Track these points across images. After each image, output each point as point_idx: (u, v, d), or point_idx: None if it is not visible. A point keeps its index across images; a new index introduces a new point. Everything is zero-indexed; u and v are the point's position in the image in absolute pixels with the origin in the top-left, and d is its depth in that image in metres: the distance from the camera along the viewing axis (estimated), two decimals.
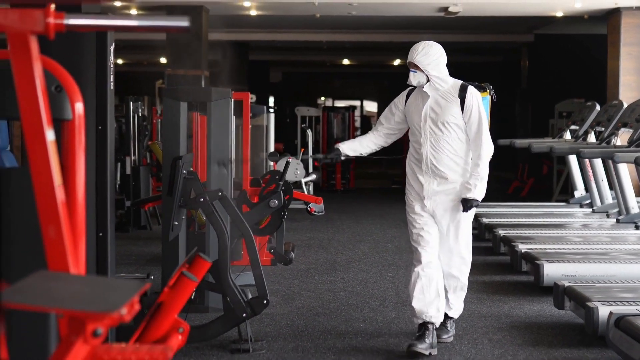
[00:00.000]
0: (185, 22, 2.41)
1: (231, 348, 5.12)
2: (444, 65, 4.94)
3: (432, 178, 5.02)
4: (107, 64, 4.33)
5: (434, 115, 4.97)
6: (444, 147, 4.97)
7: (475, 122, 4.95)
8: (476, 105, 4.93)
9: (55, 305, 1.89)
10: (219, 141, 6.02)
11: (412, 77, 4.94)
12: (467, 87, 4.95)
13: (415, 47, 4.93)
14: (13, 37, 2.05)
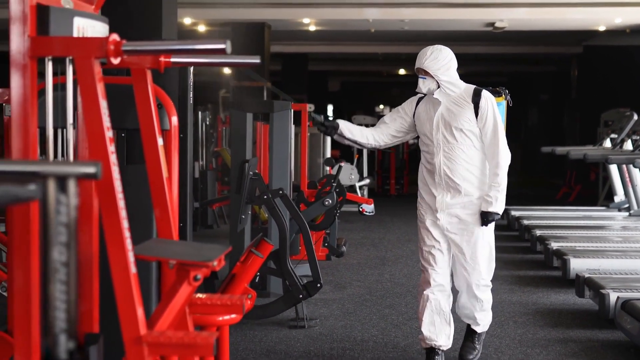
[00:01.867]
0: (257, 60, 3.30)
1: (289, 325, 5.97)
2: (454, 70, 4.68)
3: (445, 190, 4.72)
4: (187, 83, 5.25)
5: (446, 122, 4.70)
6: (458, 156, 4.69)
7: (491, 128, 4.66)
8: (491, 110, 4.65)
9: (169, 257, 2.77)
10: (280, 147, 6.91)
11: (422, 84, 4.69)
12: (480, 91, 4.69)
13: (423, 52, 4.67)
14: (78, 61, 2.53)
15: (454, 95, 4.68)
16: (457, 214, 4.72)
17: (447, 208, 4.72)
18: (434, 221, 4.78)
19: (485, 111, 4.65)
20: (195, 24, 13.31)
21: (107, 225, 2.60)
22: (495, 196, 4.61)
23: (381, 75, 26.47)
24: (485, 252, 4.77)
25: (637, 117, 10.97)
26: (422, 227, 4.86)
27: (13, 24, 2.53)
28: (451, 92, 4.67)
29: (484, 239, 4.75)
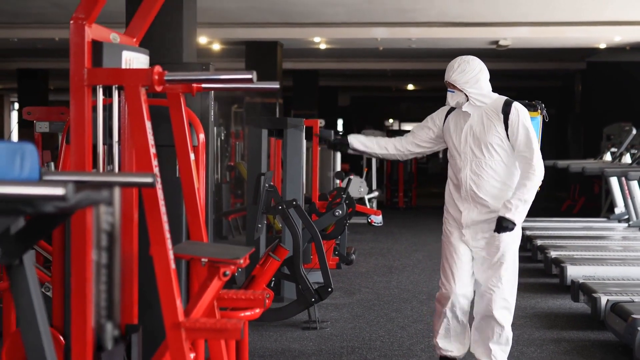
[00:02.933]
0: (277, 85, 3.77)
1: (302, 326, 6.42)
2: (484, 81, 4.50)
3: (471, 205, 4.54)
4: (209, 102, 5.72)
5: (475, 136, 4.52)
6: (485, 172, 4.50)
7: (524, 138, 4.42)
8: (522, 120, 4.43)
9: (202, 255, 3.24)
10: (293, 161, 7.38)
11: (450, 98, 4.56)
12: (511, 102, 4.48)
13: (451, 64, 4.56)
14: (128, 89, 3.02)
15: (484, 107, 4.49)
16: (483, 231, 4.54)
17: (474, 224, 4.55)
18: (459, 237, 4.61)
19: (515, 122, 4.43)
20: (211, 42, 13.83)
21: (152, 227, 3.07)
22: (516, 204, 4.36)
23: (390, 90, 26.96)
24: (510, 268, 4.55)
25: (636, 131, 11.42)
26: (446, 242, 4.68)
27: (73, 57, 3.02)
28: (481, 104, 4.49)
29: (510, 258, 4.55)
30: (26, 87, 19.26)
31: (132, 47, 3.29)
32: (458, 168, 4.59)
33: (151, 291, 3.86)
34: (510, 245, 4.53)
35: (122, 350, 3.35)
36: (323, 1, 10.33)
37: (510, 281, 4.56)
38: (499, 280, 4.52)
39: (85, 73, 2.99)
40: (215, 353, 3.49)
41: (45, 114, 7.60)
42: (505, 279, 4.53)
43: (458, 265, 4.61)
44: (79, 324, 3.05)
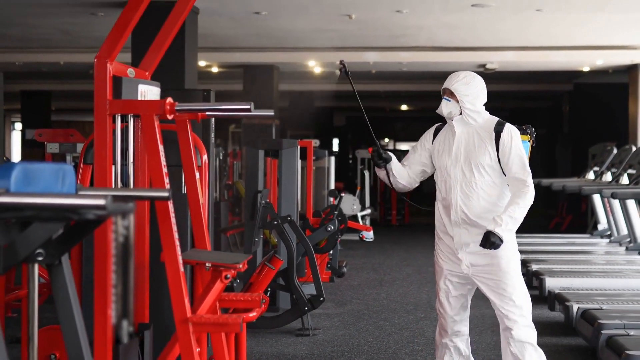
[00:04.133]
0: (271, 112, 4.28)
1: (296, 333, 6.89)
2: (482, 101, 4.41)
3: (462, 229, 4.38)
4: (210, 126, 6.24)
5: (466, 156, 4.39)
6: (476, 193, 4.36)
7: (516, 158, 4.33)
8: (515, 142, 4.33)
9: (207, 260, 3.74)
10: (288, 180, 7.89)
11: (444, 106, 4.40)
12: (504, 123, 4.39)
13: (456, 74, 4.45)
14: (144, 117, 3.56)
15: (475, 125, 4.40)
16: (478, 251, 4.35)
17: (467, 246, 4.38)
18: (454, 263, 4.45)
19: (508, 142, 4.33)
20: (210, 65, 14.38)
21: (164, 236, 3.58)
22: (506, 221, 4.20)
23: (384, 110, 27.51)
24: (517, 285, 4.39)
25: (617, 151, 11.94)
26: (438, 271, 4.53)
27: (97, 90, 3.53)
28: (473, 122, 4.39)
29: (514, 275, 4.40)
30: (29, 108, 19.82)
31: (146, 80, 3.81)
32: (448, 188, 4.42)
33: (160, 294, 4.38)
34: (511, 263, 4.38)
35: (136, 345, 3.86)
36: (317, 27, 10.86)
37: (522, 297, 4.39)
38: (512, 301, 4.35)
39: (108, 104, 3.50)
40: (217, 348, 3.98)
41: (56, 136, 8.14)
42: (517, 297, 4.36)
43: (452, 294, 4.48)
44: (101, 321, 3.54)
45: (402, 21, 10.06)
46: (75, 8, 9.27)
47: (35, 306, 2.83)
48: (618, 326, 5.91)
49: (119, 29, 3.55)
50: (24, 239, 2.47)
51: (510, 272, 4.37)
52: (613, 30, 11.03)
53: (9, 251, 2.48)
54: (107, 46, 3.53)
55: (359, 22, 10.13)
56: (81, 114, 28.93)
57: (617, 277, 8.33)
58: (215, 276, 3.78)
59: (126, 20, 3.59)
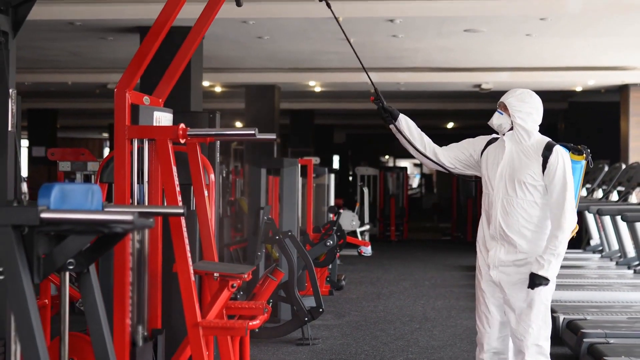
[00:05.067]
0: (274, 136, 4.67)
1: (296, 342, 7.26)
2: (535, 121, 4.37)
3: (499, 244, 4.37)
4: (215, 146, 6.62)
5: (510, 172, 4.37)
6: (516, 211, 4.32)
7: (559, 185, 4.23)
8: (562, 166, 4.25)
9: (215, 271, 4.12)
10: (288, 197, 8.28)
11: (495, 118, 4.41)
12: (553, 145, 4.32)
13: (514, 90, 4.47)
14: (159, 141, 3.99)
15: (524, 144, 4.35)
16: (511, 273, 4.33)
17: (501, 265, 4.35)
18: (488, 277, 4.42)
19: (554, 167, 4.26)
20: (213, 85, 14.80)
21: (177, 248, 3.96)
22: (548, 260, 4.19)
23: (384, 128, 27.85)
24: (540, 313, 4.34)
25: (608, 168, 12.33)
26: (477, 285, 4.49)
27: (117, 117, 3.92)
28: (522, 140, 4.35)
29: (540, 302, 4.34)
30: (36, 125, 20.26)
31: (160, 108, 4.21)
32: (490, 203, 4.43)
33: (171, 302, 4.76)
34: (541, 290, 4.30)
35: (151, 348, 4.23)
36: (317, 49, 11.27)
37: (542, 327, 4.35)
38: (529, 325, 4.31)
39: (126, 129, 3.89)
40: (224, 352, 4.35)
41: (68, 155, 8.53)
42: (536, 324, 4.32)
43: (490, 309, 4.42)
44: (120, 326, 3.92)
45: (398, 44, 10.48)
46: (86, 33, 9.69)
47: (67, 310, 3.20)
48: (600, 335, 6.28)
49: (137, 61, 3.95)
50: (60, 249, 2.85)
51: (536, 299, 4.30)
52: (603, 52, 11.43)
53: (47, 260, 2.86)
54: (126, 77, 3.93)
55: (356, 44, 10.43)
56: (85, 130, 29.42)
57: (604, 290, 8.69)
58: (223, 285, 4.16)
59: (144, 53, 3.99)
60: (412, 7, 8.07)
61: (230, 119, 22.45)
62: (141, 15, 8.35)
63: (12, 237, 2.69)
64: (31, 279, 2.77)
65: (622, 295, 8.53)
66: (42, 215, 2.68)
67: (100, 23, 9.02)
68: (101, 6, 8.28)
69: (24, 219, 2.68)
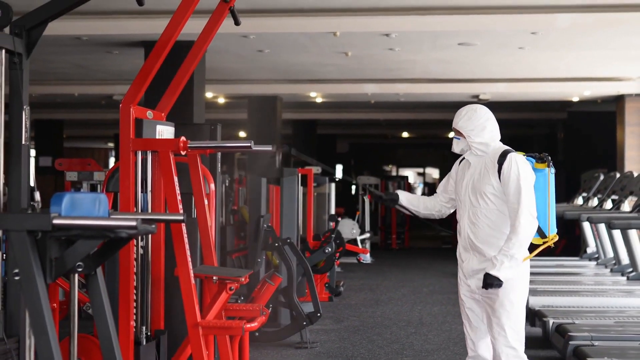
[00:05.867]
0: (270, 147, 4.94)
1: (295, 346, 7.52)
2: (490, 131, 4.49)
3: (471, 254, 4.50)
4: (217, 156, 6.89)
5: (472, 185, 4.49)
6: (482, 221, 4.43)
7: (513, 190, 4.32)
8: (515, 171, 4.33)
9: (214, 274, 4.39)
10: (288, 205, 8.55)
11: (455, 145, 4.57)
12: (508, 153, 4.41)
13: (459, 112, 4.56)
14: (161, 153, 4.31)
15: (485, 157, 4.48)
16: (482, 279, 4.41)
17: (475, 274, 4.47)
18: (467, 286, 4.54)
19: (507, 173, 4.35)
20: (216, 97, 15.10)
21: (178, 254, 4.23)
22: (501, 260, 4.26)
23: (386, 137, 28.20)
24: (512, 315, 4.40)
25: (603, 177, 12.58)
26: (460, 299, 4.64)
27: (122, 131, 4.20)
28: (482, 153, 4.48)
29: (510, 305, 4.39)
30: (42, 135, 20.58)
31: (162, 121, 4.48)
32: (460, 216, 4.58)
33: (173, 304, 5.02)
34: (509, 293, 4.36)
35: (154, 348, 4.50)
36: (318, 61, 11.55)
37: (514, 327, 4.40)
38: (502, 328, 4.39)
39: (131, 142, 4.17)
40: (223, 351, 4.62)
41: (75, 165, 8.82)
42: (509, 326, 4.38)
43: (469, 316, 4.56)
44: (124, 326, 4.19)
45: (396, 57, 10.75)
46: (92, 47, 9.98)
47: (76, 309, 3.47)
48: (585, 338, 6.53)
49: (142, 78, 4.23)
50: (70, 253, 3.12)
51: (506, 303, 4.36)
52: (597, 63, 11.69)
53: (58, 263, 3.13)
54: (131, 93, 4.21)
55: (355, 57, 10.84)
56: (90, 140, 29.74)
57: (595, 296, 8.93)
58: (222, 288, 4.42)
59: (148, 70, 4.26)
60: (406, 22, 8.34)
61: (233, 129, 22.74)
62: (146, 31, 8.64)
63: (27, 242, 2.96)
64: (44, 279, 3.04)
65: (613, 301, 8.77)
66: (54, 222, 2.95)
67: (106, 38, 9.32)
68: (107, 22, 8.57)
69: (37, 224, 2.96)
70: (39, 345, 2.98)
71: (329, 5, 8.26)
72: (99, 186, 8.71)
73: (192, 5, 4.34)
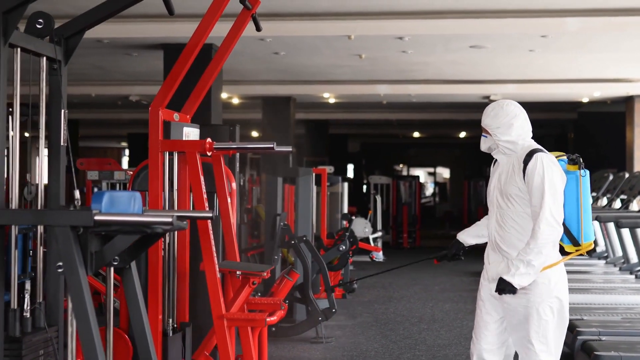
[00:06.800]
0: (289, 148, 5.17)
1: (311, 341, 7.75)
2: (519, 127, 4.20)
3: (498, 258, 4.23)
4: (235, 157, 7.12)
5: (499, 185, 4.25)
6: (508, 224, 4.18)
7: (536, 193, 4.04)
8: (540, 172, 4.04)
9: (238, 269, 4.61)
10: (303, 204, 8.77)
11: (482, 142, 4.31)
12: (535, 152, 4.12)
13: (487, 109, 4.29)
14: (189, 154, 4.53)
15: (513, 155, 4.22)
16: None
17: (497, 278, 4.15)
18: (489, 291, 4.25)
19: (531, 174, 4.07)
20: (231, 97, 15.35)
21: (204, 249, 4.45)
22: (517, 266, 4.01)
23: (398, 137, 28.40)
24: (542, 334, 4.08)
25: (612, 177, 12.76)
26: (478, 295, 4.36)
27: (151, 133, 4.42)
28: (509, 152, 4.23)
29: (538, 317, 4.08)
30: None
31: (188, 124, 4.71)
32: (489, 217, 4.35)
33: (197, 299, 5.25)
34: (540, 304, 4.07)
35: (180, 339, 4.73)
36: (331, 63, 11.78)
37: (545, 343, 4.07)
38: (529, 342, 4.08)
39: (160, 143, 4.40)
40: (245, 342, 4.84)
41: (95, 165, 9.07)
42: (537, 340, 4.07)
43: (485, 320, 4.26)
44: (153, 318, 4.41)
45: (408, 59, 10.97)
46: (112, 49, 10.24)
47: (111, 302, 3.70)
48: (593, 333, 6.73)
49: (170, 82, 4.45)
50: (109, 247, 3.35)
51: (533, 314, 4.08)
52: (606, 65, 11.87)
53: (97, 256, 3.36)
54: (160, 96, 4.44)
55: (368, 60, 11.06)
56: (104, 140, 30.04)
57: (604, 294, 9.13)
58: (244, 282, 4.65)
59: (176, 74, 4.49)
60: (419, 25, 8.56)
61: (248, 129, 22.97)
62: (165, 34, 8.89)
63: (70, 236, 3.20)
64: (85, 271, 3.27)
65: (622, 299, 8.96)
66: (95, 218, 3.18)
67: (126, 41, 9.57)
68: (128, 25, 8.82)
69: (80, 220, 3.19)
70: (81, 331, 3.20)
71: (343, 10, 8.49)
72: (118, 185, 8.95)
73: (219, 12, 4.56)
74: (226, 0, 4.59)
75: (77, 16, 3.89)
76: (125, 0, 3.85)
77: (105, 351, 3.46)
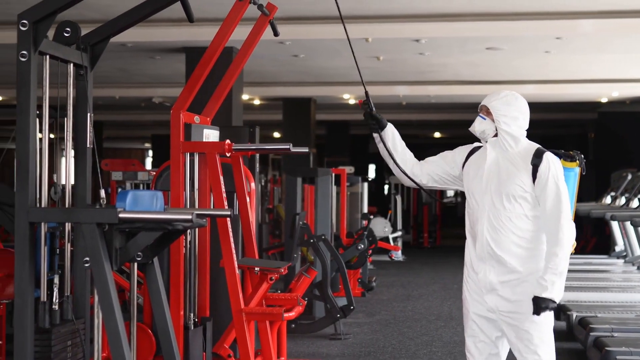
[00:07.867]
0: (306, 149, 5.35)
1: (329, 337, 7.92)
2: (520, 126, 3.98)
3: (488, 265, 3.93)
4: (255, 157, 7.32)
5: (496, 183, 3.93)
6: (505, 226, 3.89)
7: (552, 197, 3.82)
8: (554, 174, 3.84)
9: (256, 266, 4.80)
10: (323, 204, 8.95)
11: (478, 123, 4.01)
12: (543, 152, 3.90)
13: (496, 92, 4.06)
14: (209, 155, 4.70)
15: (511, 152, 3.96)
16: (507, 297, 3.92)
17: (493, 289, 3.93)
18: (479, 304, 3.99)
19: (545, 176, 3.85)
20: (252, 99, 15.56)
21: (224, 246, 4.64)
22: (551, 280, 3.76)
23: (418, 138, 28.48)
24: (545, 336, 3.95)
25: (631, 177, 12.84)
26: (465, 310, 4.08)
27: (173, 134, 4.62)
28: (508, 147, 3.96)
29: (542, 325, 3.92)
30: None
31: (208, 126, 4.91)
32: (475, 219, 4.00)
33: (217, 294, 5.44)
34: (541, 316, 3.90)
35: (201, 333, 4.92)
36: (351, 65, 11.87)
37: (548, 352, 3.96)
38: (534, 352, 3.91)
39: (181, 145, 4.60)
40: (263, 336, 5.03)
41: (120, 165, 9.30)
42: (542, 350, 3.93)
43: (480, 339, 4.04)
44: (175, 313, 4.61)
45: (426, 60, 11.12)
46: (136, 53, 10.47)
47: (135, 298, 3.89)
48: (606, 330, 6.86)
49: (191, 85, 4.64)
50: (133, 243, 3.54)
51: (538, 322, 3.90)
52: (622, 66, 11.94)
53: (122, 252, 3.55)
54: (181, 99, 4.63)
55: (387, 61, 11.22)
56: (128, 141, 30.39)
57: (620, 292, 9.25)
58: (263, 278, 4.84)
59: (197, 77, 4.68)
60: (435, 28, 8.72)
61: (269, 130, 23.20)
62: (187, 37, 9.10)
63: (96, 233, 3.40)
64: (110, 266, 3.47)
65: (637, 297, 9.07)
66: (120, 215, 3.38)
67: (149, 44, 9.79)
68: (151, 29, 9.04)
69: (106, 218, 3.39)
70: (107, 322, 3.40)
71: (361, 13, 8.65)
72: (142, 185, 9.18)
73: (238, 17, 4.74)
74: (245, 6, 4.77)
75: (102, 24, 4.09)
76: (147, 9, 4.04)
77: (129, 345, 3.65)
